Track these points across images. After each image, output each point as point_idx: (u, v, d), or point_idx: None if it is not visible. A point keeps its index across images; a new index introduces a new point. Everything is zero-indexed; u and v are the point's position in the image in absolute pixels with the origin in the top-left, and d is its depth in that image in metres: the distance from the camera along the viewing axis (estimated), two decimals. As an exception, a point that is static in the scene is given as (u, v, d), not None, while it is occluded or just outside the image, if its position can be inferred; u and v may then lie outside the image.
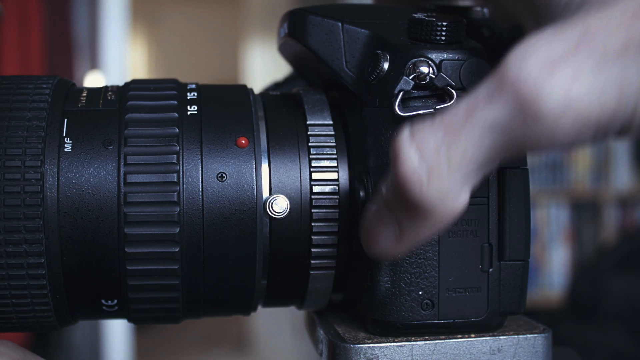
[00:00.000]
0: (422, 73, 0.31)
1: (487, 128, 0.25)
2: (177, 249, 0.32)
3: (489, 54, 0.33)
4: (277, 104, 0.36)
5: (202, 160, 0.33)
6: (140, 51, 4.24)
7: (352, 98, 0.34)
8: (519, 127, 0.25)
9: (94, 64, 1.80)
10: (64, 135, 0.33)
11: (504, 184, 0.32)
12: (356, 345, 0.32)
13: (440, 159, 0.26)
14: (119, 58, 1.82)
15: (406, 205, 0.27)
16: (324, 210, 0.33)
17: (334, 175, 0.34)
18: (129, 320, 0.35)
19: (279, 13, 0.40)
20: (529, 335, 0.33)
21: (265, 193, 0.33)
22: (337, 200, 0.33)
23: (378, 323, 0.33)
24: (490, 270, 0.32)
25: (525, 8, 0.30)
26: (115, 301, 0.34)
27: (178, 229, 0.32)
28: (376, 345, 0.32)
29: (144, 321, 0.35)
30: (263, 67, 2.82)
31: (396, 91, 0.31)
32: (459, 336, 0.33)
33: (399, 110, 0.31)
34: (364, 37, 0.34)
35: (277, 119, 0.35)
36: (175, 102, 0.34)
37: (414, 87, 0.31)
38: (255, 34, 2.99)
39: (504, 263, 0.32)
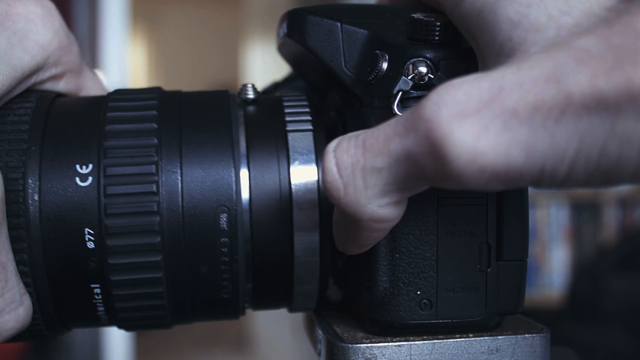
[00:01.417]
0: (420, 73, 0.31)
1: (402, 157, 0.26)
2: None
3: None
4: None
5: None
6: (140, 51, 4.24)
7: (350, 98, 0.34)
8: (429, 165, 0.26)
9: (94, 64, 1.80)
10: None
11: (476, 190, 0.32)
12: (354, 345, 0.32)
13: (355, 176, 0.27)
14: (119, 58, 1.82)
15: (341, 210, 0.29)
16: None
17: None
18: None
19: (278, 13, 0.40)
20: (527, 335, 0.33)
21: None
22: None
23: (376, 323, 0.33)
24: (489, 270, 0.32)
25: (474, 44, 0.30)
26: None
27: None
28: (374, 345, 0.32)
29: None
30: (263, 67, 2.82)
31: (395, 91, 0.31)
32: (457, 336, 0.33)
33: (398, 110, 0.31)
34: (363, 37, 0.34)
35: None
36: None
37: (412, 87, 0.31)
38: (255, 34, 2.99)
39: (502, 263, 0.32)
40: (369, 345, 0.32)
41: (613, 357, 1.51)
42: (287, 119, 0.35)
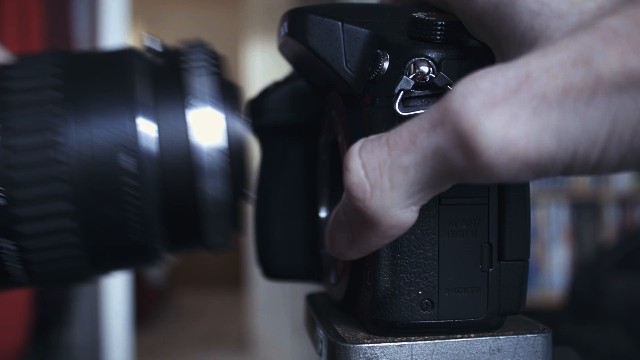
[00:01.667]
0: (422, 72, 0.31)
1: (429, 154, 0.26)
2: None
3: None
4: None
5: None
6: (140, 51, 4.23)
7: (351, 98, 0.34)
8: (459, 159, 0.25)
9: (94, 63, 1.80)
10: None
11: (504, 183, 0.32)
12: (356, 345, 0.32)
13: (382, 176, 0.27)
14: (119, 58, 1.82)
15: (356, 213, 0.28)
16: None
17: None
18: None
19: (279, 13, 0.40)
20: (528, 335, 0.33)
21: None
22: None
23: (378, 323, 0.33)
24: (490, 270, 0.32)
25: (490, 40, 0.30)
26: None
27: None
28: (376, 345, 0.32)
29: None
30: (263, 67, 2.82)
31: (396, 91, 0.31)
32: (459, 336, 0.33)
33: (399, 110, 0.31)
34: (364, 37, 0.34)
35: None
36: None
37: (414, 87, 0.31)
38: (255, 34, 2.99)
39: (503, 263, 0.32)
40: (371, 345, 0.32)
41: (613, 357, 1.51)
42: (184, 65, 0.37)
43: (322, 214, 0.41)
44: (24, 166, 0.33)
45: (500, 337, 0.33)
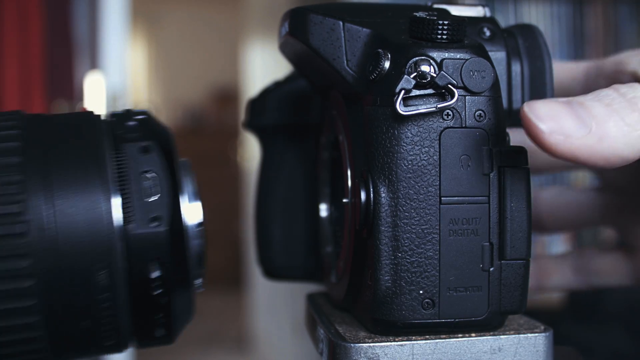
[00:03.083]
0: (423, 72, 0.31)
1: None
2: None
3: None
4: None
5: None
6: (140, 51, 4.24)
7: (352, 97, 0.34)
8: None
9: (94, 64, 1.80)
10: None
11: (505, 182, 0.32)
12: (357, 345, 0.32)
13: None
14: (119, 58, 1.82)
15: None
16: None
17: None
18: None
19: (279, 13, 0.40)
20: (529, 335, 0.33)
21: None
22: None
23: (379, 322, 0.33)
24: (491, 269, 0.32)
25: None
26: None
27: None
28: (377, 344, 0.32)
29: None
30: (263, 66, 2.82)
31: (397, 90, 0.31)
32: (460, 335, 0.33)
33: (400, 109, 0.31)
34: (365, 36, 0.34)
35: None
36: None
37: (415, 86, 0.31)
38: (255, 33, 2.99)
39: (504, 262, 0.32)
40: (371, 344, 0.32)
41: (613, 357, 1.51)
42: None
43: (323, 213, 0.41)
44: None
45: (502, 336, 0.33)
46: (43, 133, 0.33)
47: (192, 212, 0.33)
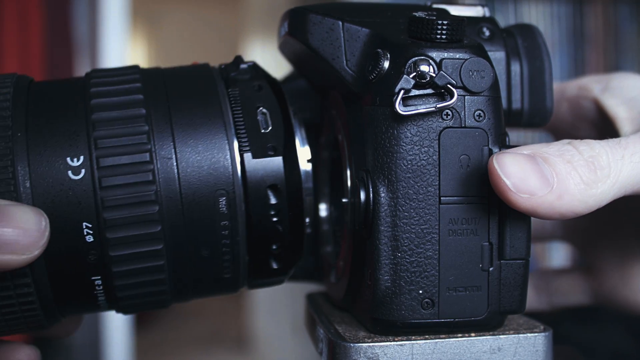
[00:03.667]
0: (422, 72, 0.31)
1: None
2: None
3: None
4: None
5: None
6: (140, 51, 4.24)
7: (352, 97, 0.34)
8: None
9: (94, 63, 1.80)
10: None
11: None
12: (356, 344, 0.32)
13: None
14: (119, 58, 1.82)
15: None
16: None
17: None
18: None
19: (279, 12, 0.40)
20: (529, 335, 0.33)
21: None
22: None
23: (378, 322, 0.33)
24: (491, 269, 0.32)
25: None
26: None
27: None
28: (376, 344, 0.32)
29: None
30: (263, 66, 2.82)
31: (397, 90, 0.31)
32: (459, 335, 0.33)
33: (400, 109, 0.31)
34: (365, 36, 0.34)
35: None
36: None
37: (414, 86, 0.31)
38: (255, 33, 2.99)
39: (504, 262, 0.32)
40: (371, 344, 0.32)
41: (613, 357, 1.51)
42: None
43: (322, 213, 0.41)
44: (116, 206, 0.31)
45: (501, 336, 0.33)
46: (161, 83, 0.35)
47: (302, 146, 0.36)
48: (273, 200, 0.34)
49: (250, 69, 0.36)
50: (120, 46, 1.83)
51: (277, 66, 0.45)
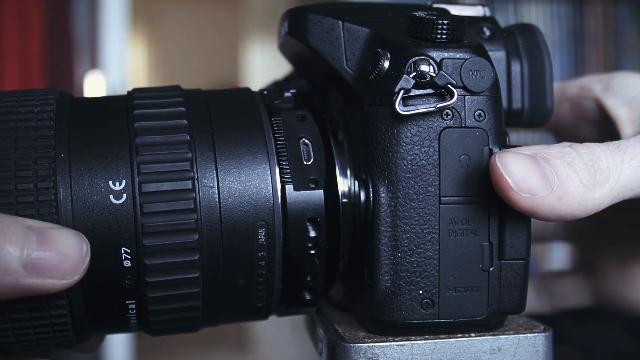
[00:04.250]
0: (422, 71, 0.31)
1: None
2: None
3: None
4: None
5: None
6: (140, 51, 4.24)
7: (352, 96, 0.34)
8: None
9: (94, 63, 1.80)
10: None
11: None
12: (356, 345, 0.32)
13: None
14: (119, 58, 1.82)
15: None
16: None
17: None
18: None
19: (279, 12, 0.40)
20: (529, 335, 0.33)
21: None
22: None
23: (378, 322, 0.33)
24: (491, 269, 0.32)
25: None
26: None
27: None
28: (376, 344, 0.32)
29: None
30: (263, 66, 2.82)
31: (397, 89, 0.31)
32: (459, 335, 0.33)
33: (400, 109, 0.31)
34: (365, 36, 0.34)
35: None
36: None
37: (414, 86, 0.31)
38: (255, 33, 2.99)
39: (504, 262, 0.32)
40: (371, 344, 0.32)
41: (613, 357, 1.51)
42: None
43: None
44: (156, 233, 0.31)
45: (501, 336, 0.33)
46: (204, 108, 0.34)
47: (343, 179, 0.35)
48: (312, 234, 0.33)
49: (293, 97, 0.36)
50: (120, 46, 1.83)
51: (276, 66, 0.45)
